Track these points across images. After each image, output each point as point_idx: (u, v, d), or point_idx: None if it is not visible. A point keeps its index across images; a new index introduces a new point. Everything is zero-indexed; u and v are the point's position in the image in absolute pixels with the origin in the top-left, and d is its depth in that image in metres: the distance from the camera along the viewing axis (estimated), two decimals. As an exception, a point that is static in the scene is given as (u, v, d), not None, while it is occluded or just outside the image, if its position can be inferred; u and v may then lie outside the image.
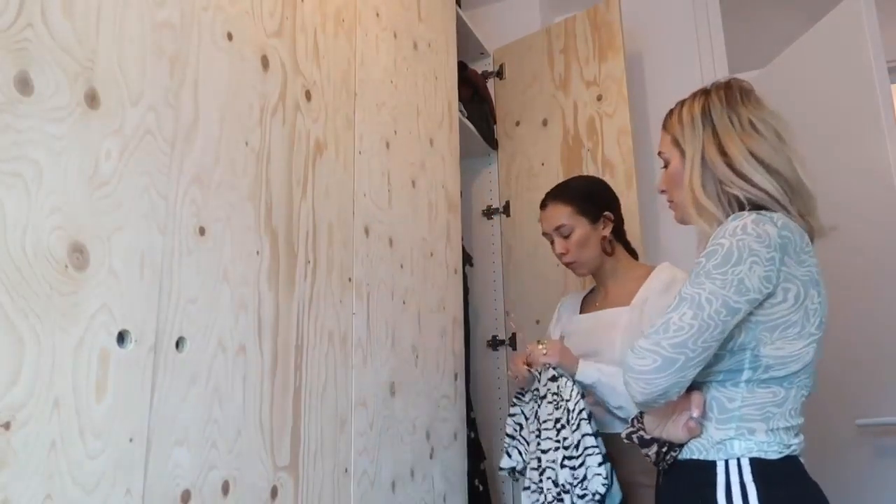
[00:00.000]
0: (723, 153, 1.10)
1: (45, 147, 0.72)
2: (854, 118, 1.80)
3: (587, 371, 1.49)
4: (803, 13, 2.38)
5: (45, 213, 0.71)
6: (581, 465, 1.38)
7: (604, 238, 1.67)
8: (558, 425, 1.43)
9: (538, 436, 1.47)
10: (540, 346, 1.53)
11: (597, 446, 1.38)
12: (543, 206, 1.72)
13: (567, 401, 1.43)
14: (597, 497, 1.35)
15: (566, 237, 1.66)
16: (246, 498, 0.95)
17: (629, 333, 1.54)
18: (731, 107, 1.13)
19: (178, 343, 0.87)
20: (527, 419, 1.56)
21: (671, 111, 1.22)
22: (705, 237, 1.09)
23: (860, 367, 1.72)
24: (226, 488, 0.92)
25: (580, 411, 1.41)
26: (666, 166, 1.22)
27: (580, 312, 1.73)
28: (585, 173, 2.24)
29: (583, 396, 1.44)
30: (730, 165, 1.09)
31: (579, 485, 1.37)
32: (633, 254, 1.75)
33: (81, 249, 0.74)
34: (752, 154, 1.09)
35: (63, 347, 0.71)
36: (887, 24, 1.91)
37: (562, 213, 1.66)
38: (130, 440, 0.78)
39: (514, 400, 1.61)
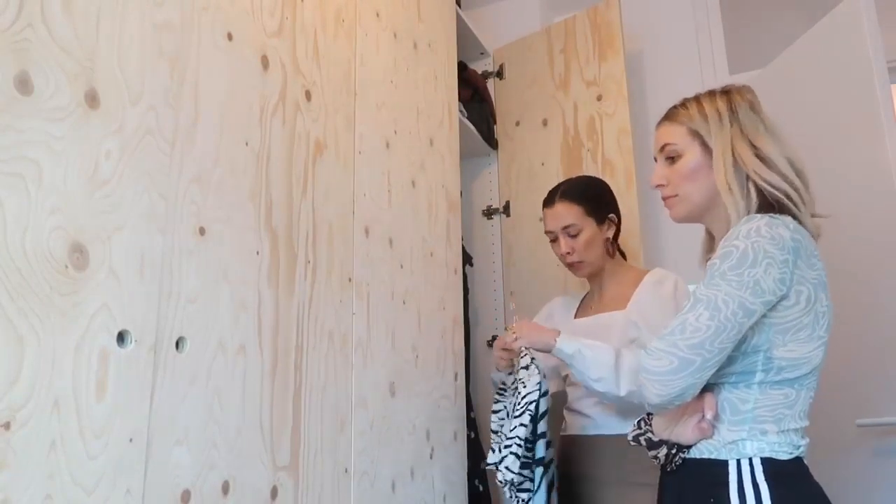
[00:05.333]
0: (755, 149, 1.10)
1: (45, 147, 0.72)
2: (854, 118, 1.79)
3: (567, 341, 1.42)
4: (803, 13, 2.38)
5: (45, 213, 0.71)
6: (501, 450, 1.37)
7: (606, 240, 1.67)
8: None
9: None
10: (509, 332, 1.49)
11: (521, 444, 1.35)
12: (550, 203, 1.70)
13: (524, 388, 1.38)
14: (504, 483, 1.35)
15: (573, 237, 1.65)
16: (246, 498, 0.95)
17: (624, 336, 1.54)
18: (755, 111, 1.14)
19: (178, 343, 0.87)
20: (508, 415, 1.53)
21: (683, 104, 1.20)
22: (707, 243, 1.10)
23: (860, 368, 1.72)
24: (226, 488, 0.92)
25: (529, 403, 1.36)
26: (671, 158, 1.19)
27: (576, 317, 1.74)
28: (586, 173, 2.24)
29: (544, 395, 1.39)
30: (761, 158, 1.09)
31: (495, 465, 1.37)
32: (623, 255, 1.76)
33: (81, 249, 0.74)
34: (782, 154, 1.10)
35: (63, 347, 0.71)
36: (887, 25, 1.91)
37: (571, 213, 1.65)
38: (130, 440, 0.78)
39: (497, 396, 1.58)
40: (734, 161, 1.11)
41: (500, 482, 1.34)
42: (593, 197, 1.69)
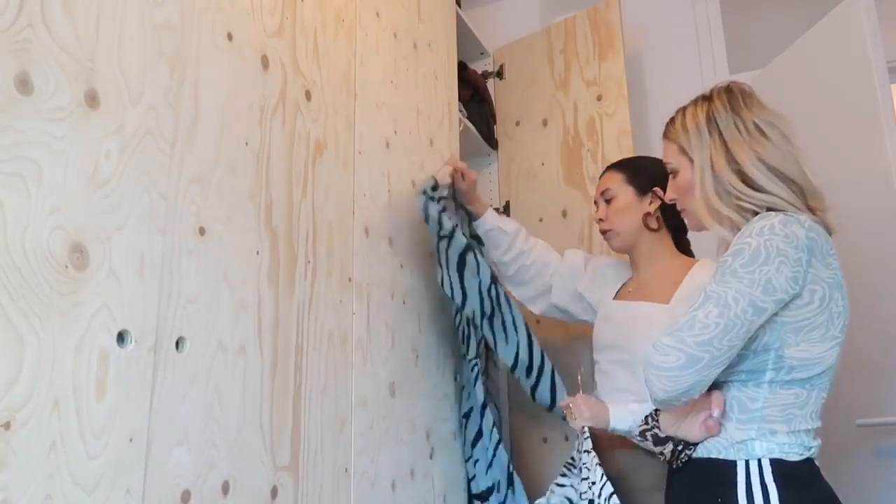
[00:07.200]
0: (731, 161, 1.09)
1: (45, 147, 0.72)
2: (854, 118, 1.79)
3: (619, 417, 1.32)
4: (803, 13, 2.37)
5: (45, 213, 0.71)
6: None
7: (648, 214, 1.58)
8: None
9: None
10: (568, 413, 1.34)
11: None
12: (602, 175, 1.70)
13: (593, 483, 1.24)
14: None
15: (608, 202, 1.61)
16: (246, 498, 0.95)
17: None
18: (736, 112, 1.11)
19: (178, 343, 0.87)
20: (579, 494, 1.31)
21: (672, 119, 1.20)
22: (725, 241, 1.08)
23: (860, 367, 1.72)
24: (226, 488, 0.91)
25: (610, 495, 1.21)
26: (673, 175, 1.20)
27: (615, 297, 1.63)
28: (585, 173, 2.24)
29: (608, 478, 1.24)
30: (739, 173, 1.08)
31: None
32: (684, 246, 1.64)
33: (81, 249, 0.74)
34: (762, 161, 1.07)
35: (63, 347, 0.71)
36: (887, 24, 1.91)
37: (611, 179, 1.63)
38: (130, 440, 0.78)
39: (564, 469, 1.39)
40: (714, 174, 1.10)
41: None
42: (639, 167, 1.63)
